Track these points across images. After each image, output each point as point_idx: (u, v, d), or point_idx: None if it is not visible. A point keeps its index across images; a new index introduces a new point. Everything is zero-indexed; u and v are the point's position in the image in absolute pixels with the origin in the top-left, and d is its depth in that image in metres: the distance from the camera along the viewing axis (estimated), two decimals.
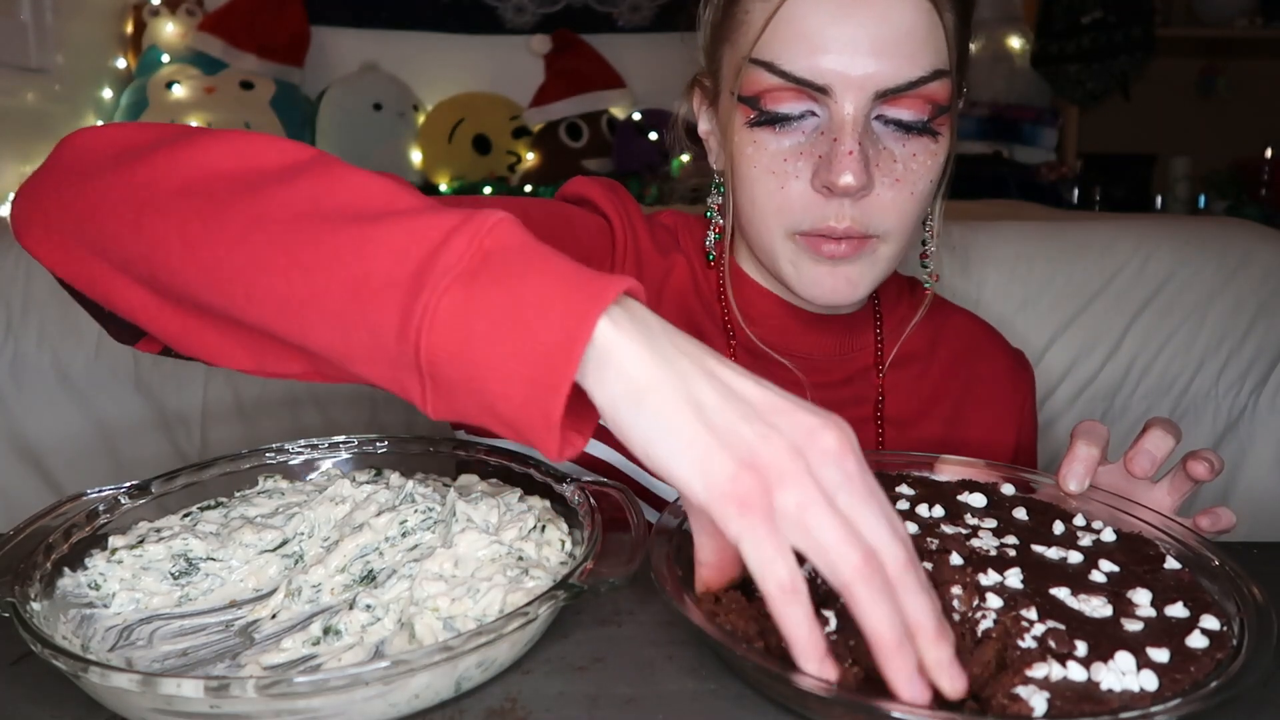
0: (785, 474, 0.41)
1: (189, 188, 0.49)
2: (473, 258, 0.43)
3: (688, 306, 0.83)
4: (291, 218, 0.46)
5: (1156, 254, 1.26)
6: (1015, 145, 2.82)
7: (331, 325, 0.45)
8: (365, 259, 0.44)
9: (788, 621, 0.42)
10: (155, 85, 2.51)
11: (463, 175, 2.58)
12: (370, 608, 0.53)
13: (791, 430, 0.42)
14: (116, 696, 0.46)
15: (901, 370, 0.86)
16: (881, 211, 0.71)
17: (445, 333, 0.42)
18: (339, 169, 0.49)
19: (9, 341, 1.22)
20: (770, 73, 0.69)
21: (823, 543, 0.41)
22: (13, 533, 0.57)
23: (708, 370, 0.43)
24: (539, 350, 0.42)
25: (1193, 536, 0.58)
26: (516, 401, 0.42)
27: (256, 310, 0.47)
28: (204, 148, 0.50)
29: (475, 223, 0.44)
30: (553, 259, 0.44)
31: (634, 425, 0.42)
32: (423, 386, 0.44)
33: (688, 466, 0.42)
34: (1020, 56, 2.88)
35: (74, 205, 0.52)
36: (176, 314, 0.50)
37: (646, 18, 2.81)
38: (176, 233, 0.48)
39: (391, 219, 0.45)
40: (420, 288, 0.43)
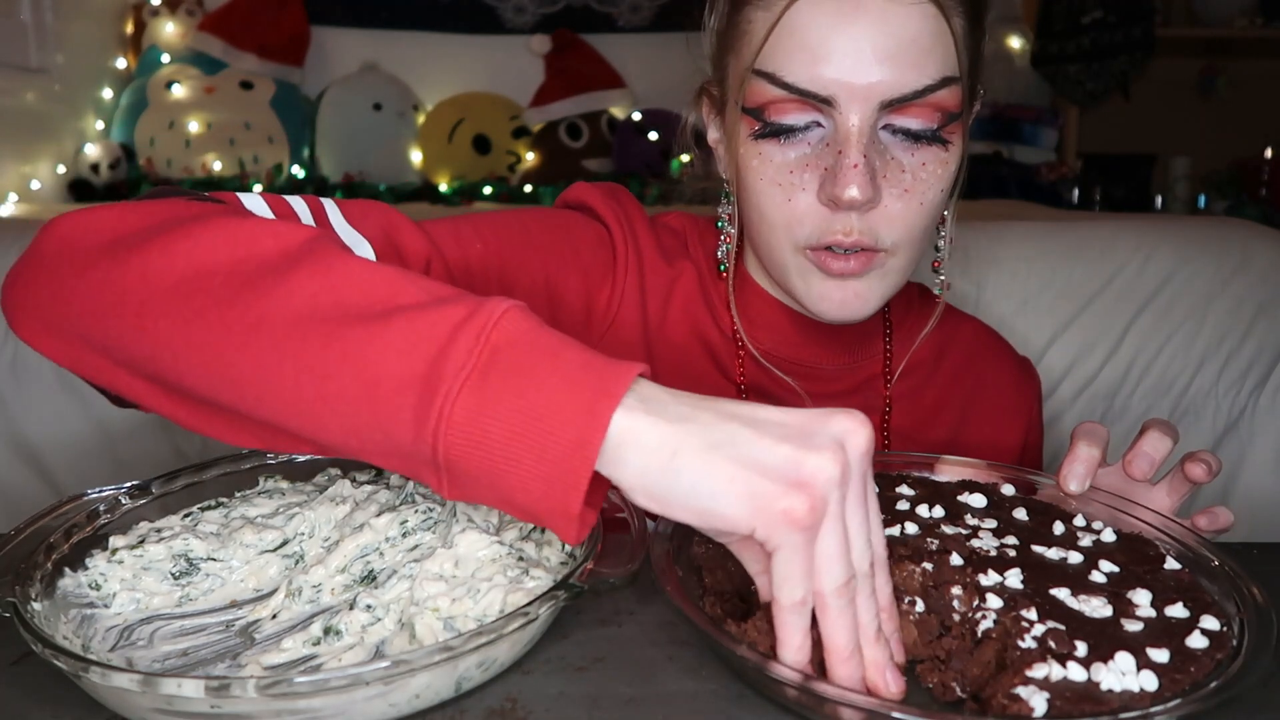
0: (835, 480, 0.43)
1: (187, 285, 0.48)
2: (480, 355, 0.43)
3: (695, 315, 0.82)
4: (295, 319, 0.46)
5: (1156, 254, 1.26)
6: (1015, 145, 2.82)
7: (344, 427, 0.46)
8: (374, 363, 0.44)
9: (786, 631, 0.45)
10: (155, 85, 2.51)
11: (463, 175, 2.58)
12: (371, 608, 0.53)
13: (831, 432, 0.44)
14: (117, 696, 0.46)
15: (907, 379, 0.85)
16: (889, 223, 0.69)
17: (461, 436, 0.43)
18: (336, 258, 0.48)
19: (9, 341, 1.22)
20: (773, 84, 0.68)
21: (821, 554, 0.43)
22: (13, 533, 0.57)
23: (727, 414, 0.44)
24: (555, 451, 0.42)
25: (1192, 537, 0.58)
26: (535, 495, 0.43)
27: (267, 411, 0.47)
28: (195, 236, 0.49)
29: (482, 316, 0.44)
30: (562, 351, 0.44)
31: (672, 490, 0.43)
32: (439, 479, 0.45)
33: (734, 502, 0.42)
34: (1020, 56, 2.88)
35: (69, 303, 0.51)
36: (184, 405, 0.51)
37: (646, 18, 2.81)
38: (179, 337, 0.48)
39: (397, 316, 0.45)
40: (433, 392, 0.43)
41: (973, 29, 0.70)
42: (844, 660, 0.45)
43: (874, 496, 0.46)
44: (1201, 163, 3.13)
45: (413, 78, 2.71)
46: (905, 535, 0.57)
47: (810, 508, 0.42)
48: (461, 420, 0.43)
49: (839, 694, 0.43)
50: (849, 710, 0.44)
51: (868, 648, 0.45)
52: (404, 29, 2.77)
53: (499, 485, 0.44)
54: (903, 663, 0.49)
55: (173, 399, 0.51)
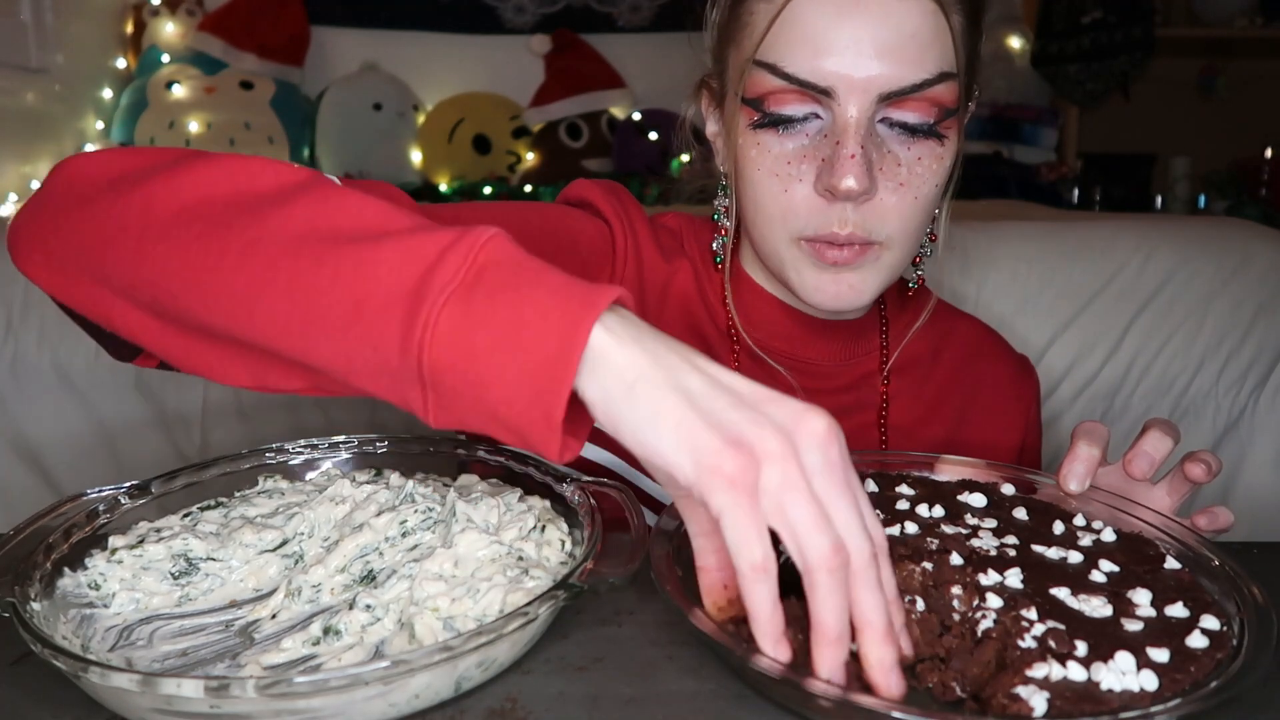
0: (770, 453, 0.42)
1: (186, 212, 0.50)
2: (468, 272, 0.45)
3: (691, 311, 0.82)
4: (289, 240, 0.47)
5: (1156, 254, 1.26)
6: (1015, 145, 2.82)
7: (334, 343, 0.46)
8: (364, 279, 0.45)
9: (753, 599, 0.44)
10: (155, 85, 2.51)
11: (463, 175, 2.58)
12: (370, 608, 0.53)
13: (780, 415, 0.44)
14: (116, 696, 0.46)
15: (905, 376, 0.85)
16: (884, 216, 0.70)
17: (446, 346, 0.44)
18: (333, 190, 0.50)
19: (9, 341, 1.22)
20: (773, 74, 0.69)
21: (796, 525, 0.42)
22: (13, 533, 0.57)
23: (695, 365, 0.45)
24: (538, 358, 0.43)
25: (1193, 536, 0.58)
26: (519, 407, 0.44)
27: (259, 330, 0.48)
28: (199, 171, 0.51)
29: (469, 239, 0.45)
30: (545, 272, 0.45)
31: (625, 416, 0.44)
32: (425, 398, 0.45)
33: (676, 446, 0.43)
34: (1020, 56, 2.88)
35: (72, 233, 0.53)
36: (178, 335, 0.51)
37: (646, 18, 2.81)
38: (176, 258, 0.49)
39: (388, 238, 0.46)
40: (419, 304, 0.44)
41: (971, 27, 0.71)
42: (829, 643, 0.43)
43: (858, 484, 0.45)
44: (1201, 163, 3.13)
45: (413, 78, 2.71)
46: (905, 535, 0.57)
47: (741, 466, 0.42)
48: (446, 331, 0.44)
49: (839, 694, 0.43)
50: (848, 710, 0.44)
51: (876, 645, 0.44)
52: (404, 29, 2.77)
53: (483, 398, 0.44)
54: (912, 657, 0.48)
55: (168, 330, 0.52)
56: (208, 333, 0.50)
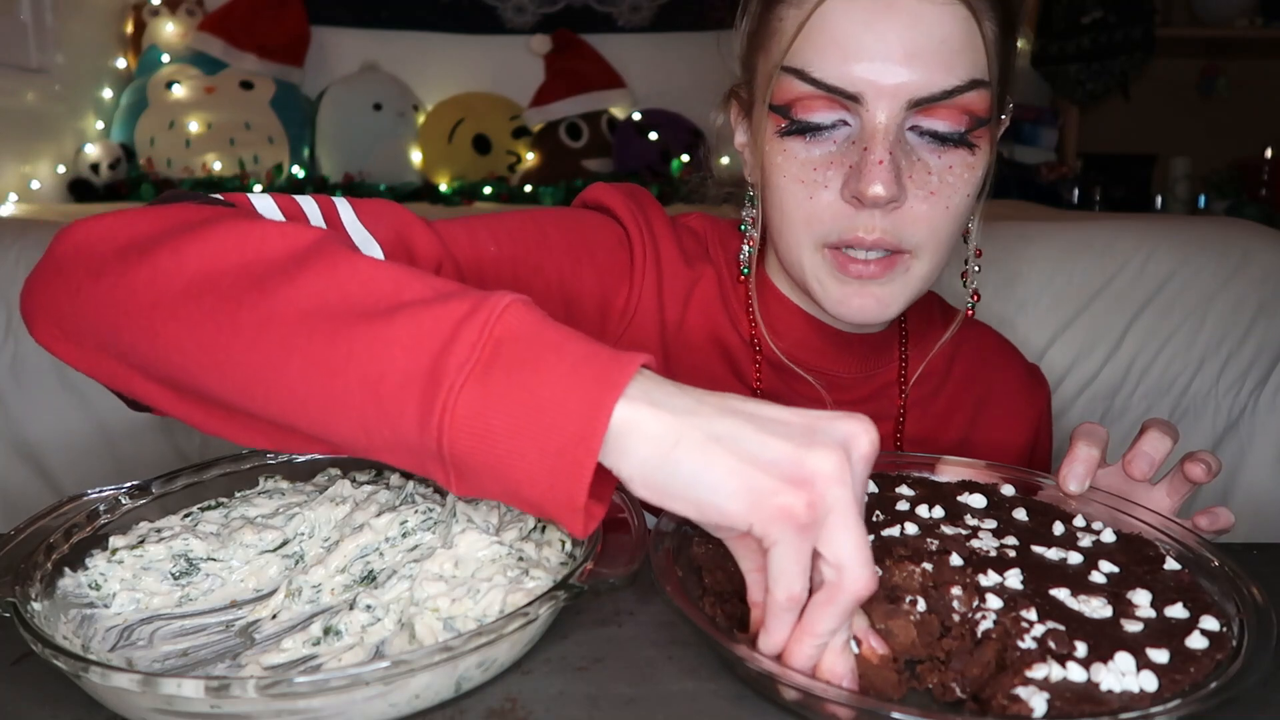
0: (829, 473, 0.42)
1: (197, 286, 0.49)
2: (484, 349, 0.44)
3: (713, 318, 0.81)
4: (301, 316, 0.47)
5: (1156, 254, 1.26)
6: (1015, 145, 2.83)
7: (352, 423, 0.46)
8: (379, 358, 0.45)
9: (776, 623, 0.45)
10: (155, 85, 2.51)
11: (463, 175, 2.58)
12: (370, 608, 0.53)
13: (834, 431, 0.44)
14: (117, 696, 0.46)
15: (920, 387, 0.85)
16: (914, 224, 0.68)
17: (465, 430, 0.43)
18: (343, 257, 0.49)
19: (9, 341, 1.22)
20: (801, 80, 0.68)
21: (842, 543, 0.42)
22: (13, 533, 0.57)
23: (731, 409, 0.44)
24: (558, 443, 0.42)
25: (1192, 537, 0.58)
26: (540, 489, 0.43)
27: (276, 410, 0.47)
28: (205, 239, 0.50)
29: (484, 311, 0.44)
30: (564, 343, 0.44)
31: (671, 482, 0.43)
32: (446, 474, 0.45)
33: (732, 496, 0.42)
34: (1020, 56, 2.88)
35: (83, 308, 0.52)
36: (197, 408, 0.51)
37: (646, 18, 2.81)
38: (189, 338, 0.48)
39: (401, 312, 0.45)
40: (437, 386, 0.43)
41: (1004, 36, 0.70)
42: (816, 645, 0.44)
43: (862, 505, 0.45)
44: (1201, 163, 3.13)
45: (413, 78, 2.71)
46: (905, 536, 0.57)
47: (808, 504, 0.41)
48: (465, 415, 0.43)
49: (838, 694, 0.43)
50: (848, 711, 0.44)
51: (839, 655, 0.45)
52: (404, 29, 2.77)
53: (505, 479, 0.44)
54: (888, 654, 0.48)
55: (186, 401, 0.51)
56: (227, 407, 0.50)
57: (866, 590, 0.43)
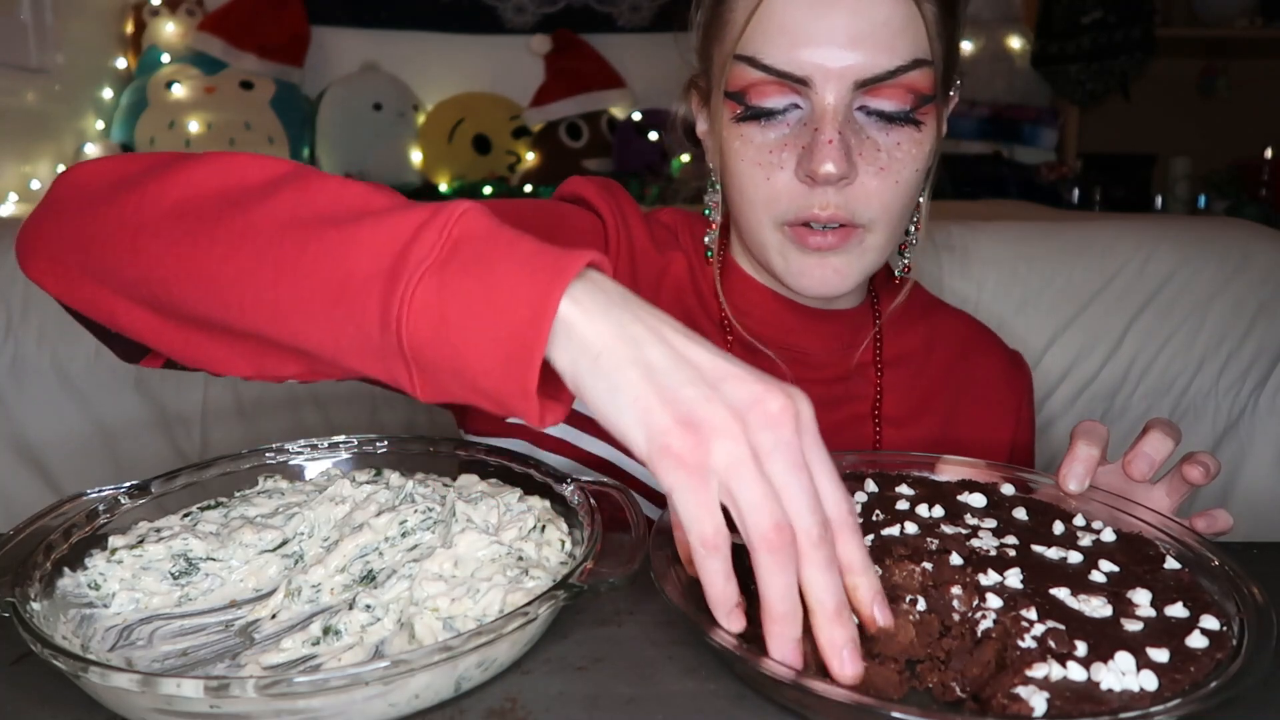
0: (720, 431, 0.43)
1: (178, 209, 0.52)
2: (443, 247, 0.46)
3: (684, 303, 0.83)
4: (275, 227, 0.49)
5: (1156, 254, 1.26)
6: (1015, 145, 2.82)
7: (321, 324, 0.48)
8: (346, 259, 0.47)
9: (705, 573, 0.45)
10: (155, 85, 2.51)
11: (463, 175, 2.58)
12: (370, 608, 0.53)
13: (735, 394, 0.44)
14: (116, 696, 0.46)
15: (898, 369, 0.86)
16: (866, 199, 0.72)
17: (422, 320, 0.45)
18: (316, 178, 0.51)
19: (9, 341, 1.22)
20: (753, 67, 0.71)
21: (742, 503, 0.43)
22: (13, 533, 0.57)
23: (661, 336, 0.45)
24: (509, 328, 0.44)
25: (1192, 536, 0.58)
26: (495, 376, 0.45)
27: (251, 318, 0.49)
28: (190, 170, 0.53)
29: (444, 215, 0.47)
30: (518, 241, 0.47)
31: (590, 387, 0.45)
32: (410, 372, 0.47)
33: (632, 422, 0.44)
34: (1020, 56, 2.88)
35: (74, 236, 0.55)
36: (178, 330, 0.53)
37: (646, 18, 2.81)
38: (170, 252, 0.51)
39: (367, 219, 0.48)
40: (396, 280, 0.45)
41: (945, 17, 0.73)
42: (774, 620, 0.44)
43: (823, 462, 0.45)
44: (1201, 163, 3.13)
45: (413, 78, 2.71)
46: (905, 535, 0.57)
47: (690, 446, 0.43)
48: (421, 306, 0.45)
49: (838, 694, 0.43)
50: (848, 710, 0.44)
51: (825, 626, 0.44)
52: (404, 29, 2.78)
53: (461, 369, 0.45)
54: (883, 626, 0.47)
55: (168, 325, 0.53)
56: (205, 324, 0.52)
57: (774, 537, 0.42)
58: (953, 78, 0.77)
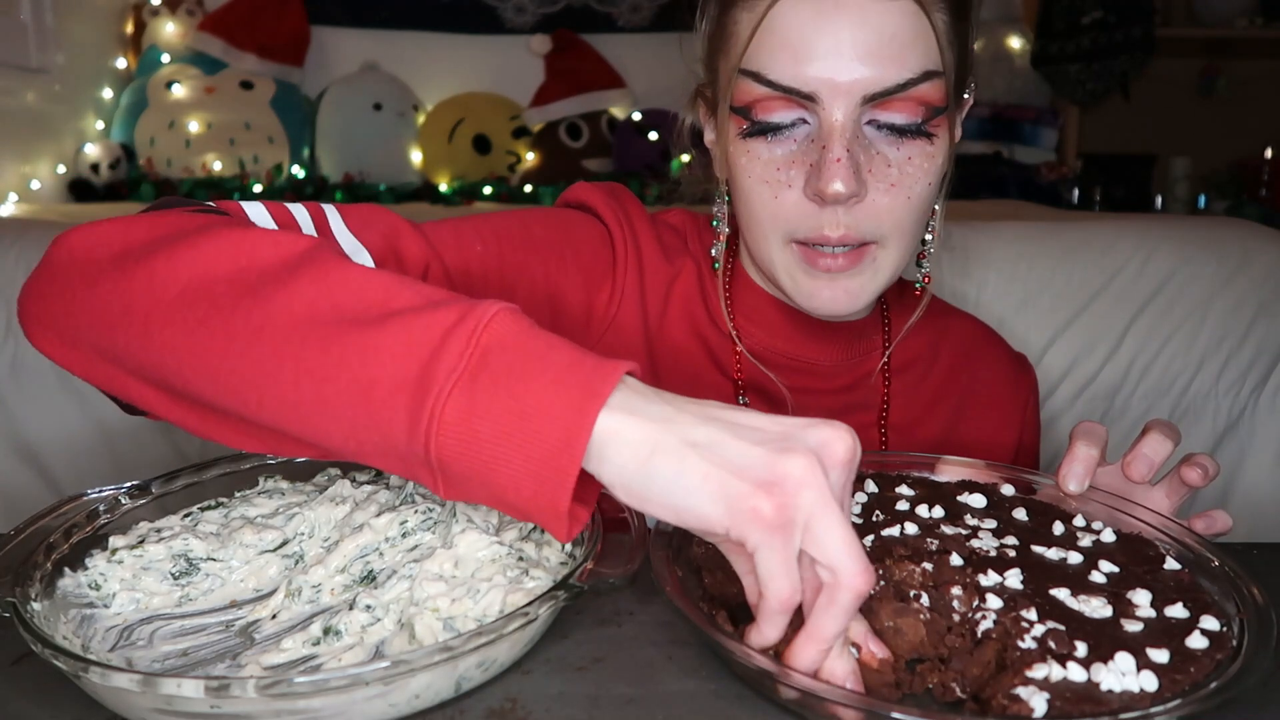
0: (803, 481, 0.43)
1: (190, 294, 0.50)
2: (471, 357, 0.44)
3: (693, 313, 0.82)
4: (293, 324, 0.47)
5: (1156, 254, 1.26)
6: (1015, 145, 2.82)
7: (343, 429, 0.47)
8: (369, 365, 0.46)
9: (769, 625, 0.45)
10: (155, 85, 2.51)
11: (463, 175, 2.58)
12: (370, 608, 0.53)
13: (807, 440, 0.44)
14: (117, 696, 0.46)
15: (904, 374, 0.86)
16: (876, 217, 0.70)
17: (452, 437, 0.44)
18: (333, 265, 0.50)
19: (9, 341, 1.22)
20: (758, 83, 0.69)
21: (830, 548, 0.43)
22: (13, 533, 0.57)
23: (709, 416, 0.45)
24: (542, 450, 0.43)
25: (1192, 537, 0.58)
26: (525, 495, 0.44)
27: (269, 415, 0.48)
28: (199, 247, 0.51)
29: (472, 319, 0.45)
30: (550, 352, 0.45)
31: (650, 488, 0.44)
32: (434, 479, 0.46)
33: (707, 500, 0.43)
34: (1020, 56, 2.88)
35: (80, 315, 0.53)
36: (191, 412, 0.52)
37: (646, 18, 2.81)
38: (183, 344, 0.49)
39: (391, 320, 0.46)
40: (425, 393, 0.44)
41: (957, 23, 0.71)
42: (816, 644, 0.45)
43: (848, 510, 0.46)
44: (1201, 163, 3.13)
45: (413, 78, 2.71)
46: (905, 535, 0.57)
47: (778, 507, 0.42)
48: (452, 421, 0.44)
49: (838, 694, 0.43)
50: (848, 711, 0.44)
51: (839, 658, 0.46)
52: (404, 29, 2.77)
53: (490, 484, 0.45)
54: (889, 658, 0.48)
55: (181, 406, 0.52)
56: (221, 412, 0.50)
57: (865, 585, 0.43)
58: (966, 83, 0.75)
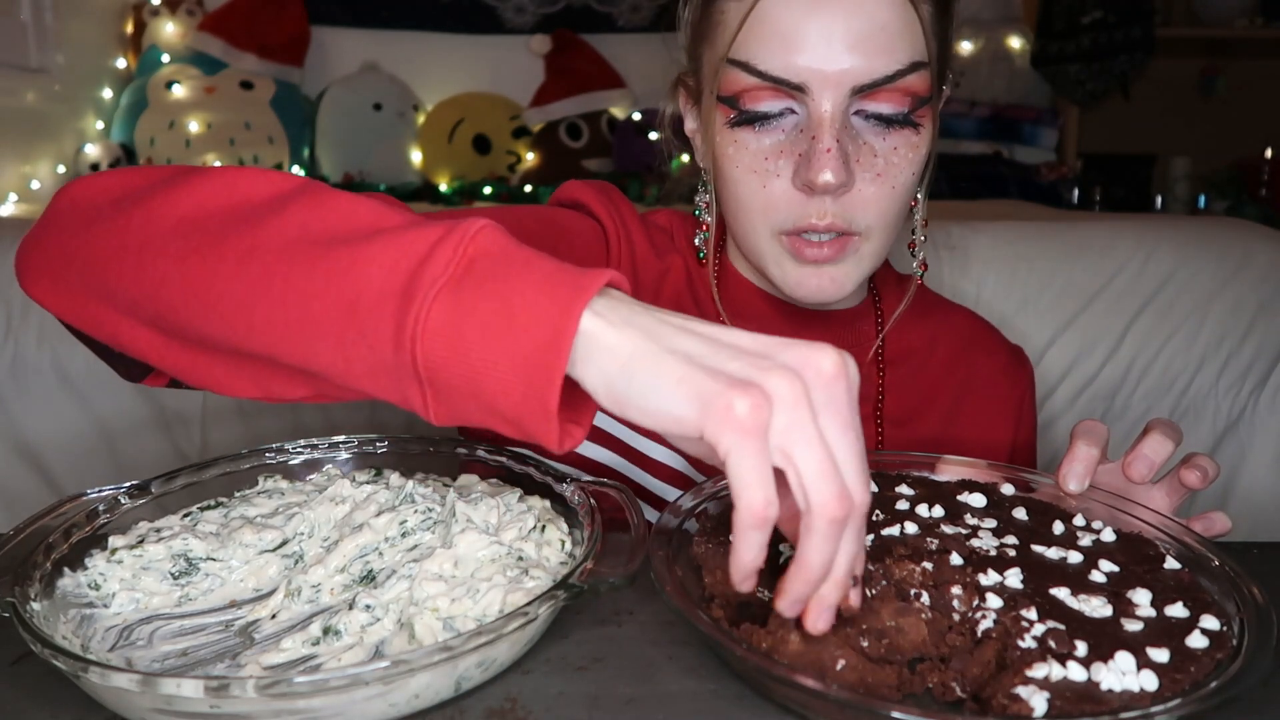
0: (779, 392, 0.41)
1: (184, 225, 0.50)
2: (458, 265, 0.45)
3: (683, 307, 0.83)
4: (284, 245, 0.48)
5: (1156, 254, 1.26)
6: (1015, 145, 2.82)
7: (332, 345, 0.46)
8: (357, 278, 0.45)
9: (743, 542, 0.42)
10: (155, 85, 2.51)
11: (463, 175, 2.58)
12: (370, 608, 0.53)
13: (787, 356, 0.43)
14: (116, 696, 0.46)
15: (900, 367, 0.86)
16: (863, 207, 0.71)
17: (438, 339, 0.44)
18: (326, 194, 0.50)
19: (9, 341, 1.22)
20: (747, 72, 0.69)
21: (804, 470, 0.41)
22: (13, 533, 0.57)
23: (691, 330, 0.44)
24: (529, 347, 0.43)
25: (1192, 536, 0.58)
26: (514, 398, 0.44)
27: (259, 338, 0.48)
28: (196, 185, 0.51)
29: (459, 232, 0.46)
30: (535, 260, 0.45)
31: (629, 393, 0.43)
32: (424, 394, 0.45)
33: (682, 401, 0.42)
34: (1020, 56, 2.88)
35: (76, 254, 0.53)
36: (183, 350, 0.52)
37: (646, 18, 2.81)
38: (176, 270, 0.49)
39: (379, 237, 0.46)
40: (411, 299, 0.44)
41: (940, 15, 0.72)
42: (805, 581, 0.43)
43: (859, 427, 0.44)
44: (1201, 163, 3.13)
45: (413, 78, 2.71)
46: (905, 535, 0.57)
47: (752, 406, 0.40)
48: (438, 325, 0.44)
49: (838, 694, 0.43)
50: (848, 710, 0.44)
51: (832, 587, 0.44)
52: (404, 29, 2.77)
53: (479, 391, 0.44)
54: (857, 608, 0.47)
55: (173, 345, 0.52)
56: (211, 345, 0.50)
57: (838, 511, 0.41)
58: (946, 74, 0.76)
